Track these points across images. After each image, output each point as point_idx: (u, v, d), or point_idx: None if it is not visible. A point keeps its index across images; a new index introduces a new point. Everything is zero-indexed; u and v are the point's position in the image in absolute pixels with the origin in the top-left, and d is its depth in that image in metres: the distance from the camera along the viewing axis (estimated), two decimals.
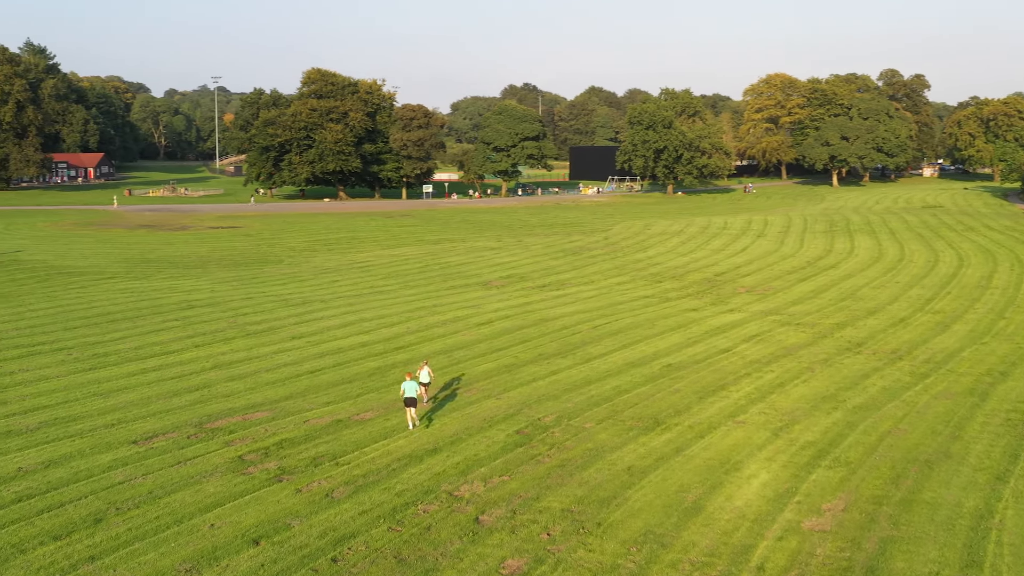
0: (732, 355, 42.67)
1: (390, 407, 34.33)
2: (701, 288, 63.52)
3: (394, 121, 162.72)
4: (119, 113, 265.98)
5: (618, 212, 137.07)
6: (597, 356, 42.50)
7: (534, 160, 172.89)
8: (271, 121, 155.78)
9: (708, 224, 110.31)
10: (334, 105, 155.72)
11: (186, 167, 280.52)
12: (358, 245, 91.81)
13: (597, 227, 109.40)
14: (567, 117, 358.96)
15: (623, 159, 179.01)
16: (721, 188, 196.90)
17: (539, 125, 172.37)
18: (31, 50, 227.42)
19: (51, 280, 66.02)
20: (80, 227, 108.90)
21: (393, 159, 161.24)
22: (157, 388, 37.02)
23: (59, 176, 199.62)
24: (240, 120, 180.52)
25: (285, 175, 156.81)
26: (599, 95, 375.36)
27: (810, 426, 31.89)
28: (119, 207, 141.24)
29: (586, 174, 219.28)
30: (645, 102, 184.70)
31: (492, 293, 61.11)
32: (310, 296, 59.27)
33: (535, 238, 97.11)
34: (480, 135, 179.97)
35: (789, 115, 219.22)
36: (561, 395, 35.90)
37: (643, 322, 50.64)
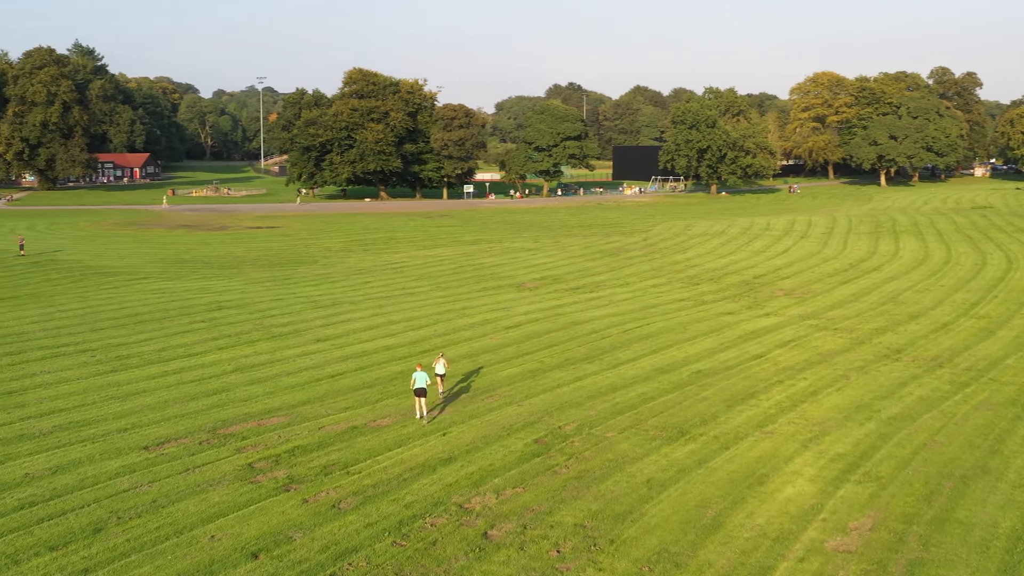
0: (765, 361, 41.37)
1: (408, 413, 33.53)
2: (738, 291, 62.11)
3: (435, 121, 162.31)
4: (166, 113, 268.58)
5: (659, 212, 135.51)
6: (625, 361, 41.40)
7: (576, 160, 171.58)
8: (312, 121, 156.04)
9: (750, 225, 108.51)
10: (375, 105, 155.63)
11: (231, 167, 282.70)
12: (394, 246, 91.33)
13: (637, 228, 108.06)
14: (611, 116, 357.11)
15: (666, 159, 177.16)
16: (766, 188, 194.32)
17: (581, 124, 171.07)
18: (79, 52, 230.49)
19: (85, 280, 66.14)
20: (121, 227, 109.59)
21: (434, 159, 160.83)
22: (176, 391, 36.55)
23: (105, 176, 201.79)
24: (282, 120, 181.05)
25: (326, 175, 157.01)
26: (644, 94, 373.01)
27: (841, 437, 30.59)
28: (168, 206, 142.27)
29: (629, 174, 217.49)
30: (689, 101, 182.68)
31: (524, 295, 60.18)
32: (340, 298, 58.73)
33: (573, 239, 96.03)
34: (521, 135, 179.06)
35: (836, 114, 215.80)
36: (584, 402, 34.89)
37: (675, 326, 49.44)
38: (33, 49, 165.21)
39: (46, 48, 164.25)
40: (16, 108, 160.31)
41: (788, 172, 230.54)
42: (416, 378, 32.62)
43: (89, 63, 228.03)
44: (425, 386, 32.65)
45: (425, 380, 32.63)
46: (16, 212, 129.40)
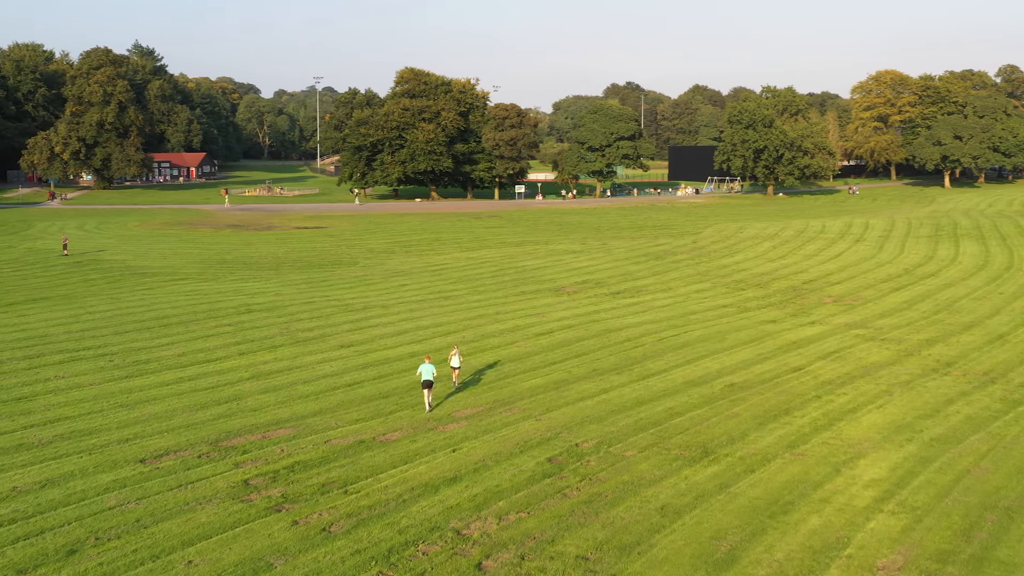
0: (804, 374, 39.17)
1: (420, 427, 32.03)
2: (785, 297, 59.73)
3: (487, 120, 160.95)
4: (223, 113, 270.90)
5: (713, 214, 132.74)
6: (656, 373, 39.48)
7: (629, 160, 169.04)
8: (364, 121, 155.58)
9: (805, 227, 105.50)
10: (426, 104, 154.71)
11: (288, 166, 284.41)
12: (438, 247, 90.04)
13: (687, 230, 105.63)
14: (670, 116, 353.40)
15: (721, 159, 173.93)
16: (825, 189, 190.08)
17: (635, 124, 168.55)
18: (139, 52, 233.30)
19: (122, 281, 65.74)
20: (169, 227, 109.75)
21: (485, 159, 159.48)
22: (186, 399, 35.45)
23: (162, 175, 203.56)
24: (334, 120, 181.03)
25: (377, 175, 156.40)
26: (703, 94, 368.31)
27: (878, 461, 28.44)
28: (230, 205, 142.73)
29: (685, 174, 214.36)
30: (746, 100, 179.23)
31: (561, 300, 58.43)
32: (373, 301, 57.49)
33: (620, 241, 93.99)
34: (574, 134, 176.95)
35: (899, 113, 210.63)
36: (607, 417, 33.08)
37: (714, 335, 47.35)
38: (90, 50, 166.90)
39: (103, 48, 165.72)
40: (73, 108, 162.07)
41: (849, 173, 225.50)
42: (423, 370, 33.95)
43: (148, 63, 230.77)
44: (432, 378, 33.81)
45: (432, 372, 33.92)
46: (69, 211, 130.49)
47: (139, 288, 62.60)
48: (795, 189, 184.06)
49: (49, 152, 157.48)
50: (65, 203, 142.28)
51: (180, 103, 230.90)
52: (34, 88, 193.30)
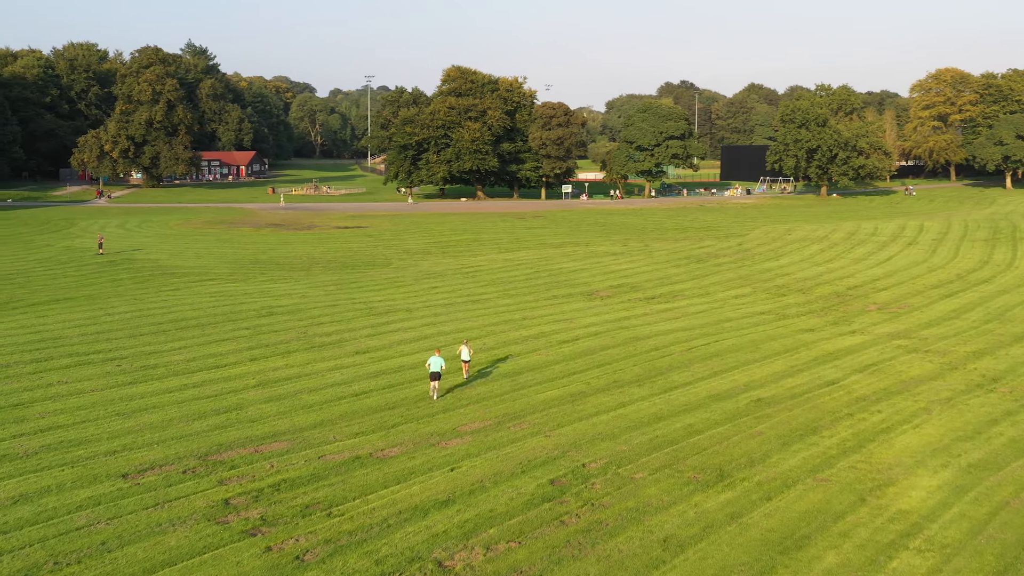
0: (837, 389, 36.81)
1: (421, 442, 30.32)
2: (827, 304, 57.15)
3: (534, 119, 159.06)
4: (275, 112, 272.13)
5: (762, 215, 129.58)
6: (679, 385, 37.38)
7: (679, 160, 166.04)
8: (409, 120, 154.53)
9: (856, 230, 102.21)
10: (472, 103, 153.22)
11: (339, 165, 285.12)
12: (476, 248, 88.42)
13: (734, 231, 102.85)
14: (724, 115, 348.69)
15: (773, 159, 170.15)
16: (880, 190, 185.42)
17: (685, 124, 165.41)
18: (192, 51, 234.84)
19: (149, 281, 64.96)
20: (209, 225, 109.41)
21: (532, 158, 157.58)
22: (186, 408, 34.11)
23: (211, 174, 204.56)
24: (381, 118, 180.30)
25: (423, 174, 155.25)
26: (758, 92, 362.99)
27: (908, 489, 26.15)
28: (284, 204, 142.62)
29: (738, 174, 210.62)
30: (799, 99, 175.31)
31: (593, 305, 56.44)
32: (399, 304, 55.97)
33: (663, 243, 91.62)
34: (624, 134, 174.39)
35: (960, 112, 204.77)
36: (620, 434, 31.10)
37: (746, 344, 45.06)
38: (141, 48, 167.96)
39: (153, 47, 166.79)
40: (123, 107, 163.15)
41: (907, 173, 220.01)
42: (431, 362, 35.10)
43: (201, 63, 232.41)
44: (440, 370, 34.99)
45: (440, 364, 35.03)
46: (114, 209, 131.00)
47: (165, 289, 61.72)
48: (850, 190, 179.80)
49: (99, 150, 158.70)
50: (112, 201, 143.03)
51: (231, 102, 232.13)
52: (87, 87, 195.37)
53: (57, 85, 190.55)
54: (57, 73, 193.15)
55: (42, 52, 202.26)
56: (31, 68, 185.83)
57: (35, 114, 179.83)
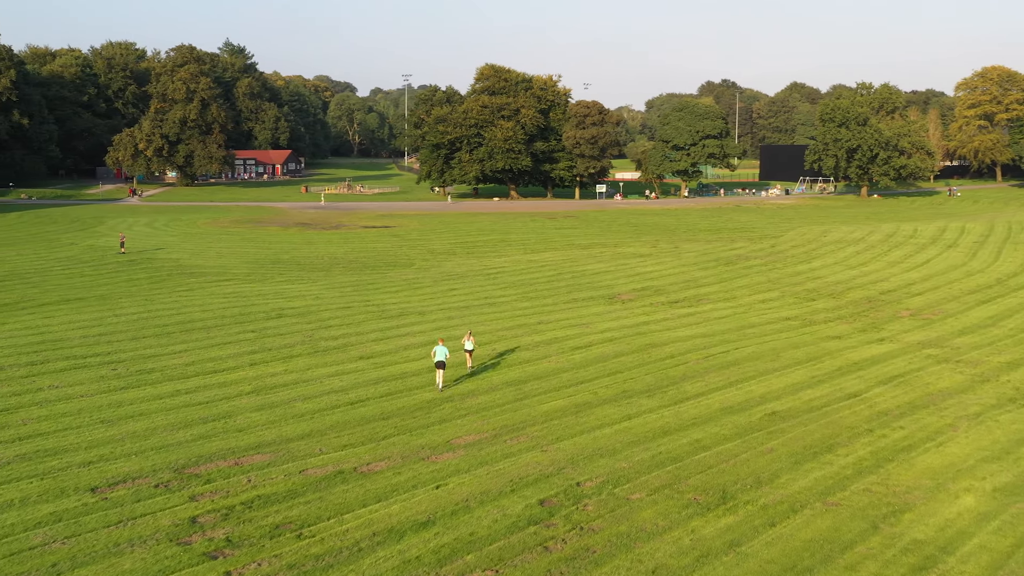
0: (858, 403, 34.74)
1: (410, 456, 28.76)
2: (857, 309, 54.89)
3: (568, 118, 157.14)
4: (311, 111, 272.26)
5: (799, 216, 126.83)
6: (691, 396, 35.50)
7: (715, 159, 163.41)
8: (442, 118, 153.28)
9: (894, 231, 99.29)
10: (506, 102, 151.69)
11: (376, 164, 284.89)
12: (502, 249, 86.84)
13: (768, 233, 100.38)
14: (765, 115, 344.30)
15: (813, 159, 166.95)
16: (923, 191, 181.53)
17: (722, 123, 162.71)
18: (230, 50, 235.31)
19: (165, 281, 64.05)
20: (237, 224, 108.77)
21: (566, 157, 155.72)
22: (173, 416, 32.80)
23: (247, 172, 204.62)
24: (414, 117, 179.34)
25: (455, 173, 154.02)
26: (800, 91, 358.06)
27: (925, 516, 24.15)
28: (325, 203, 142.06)
29: (777, 174, 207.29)
30: (839, 97, 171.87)
31: (613, 309, 54.62)
32: (413, 307, 54.51)
33: (694, 244, 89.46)
34: (659, 133, 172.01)
35: (1007, 111, 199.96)
36: (622, 450, 29.31)
37: (767, 352, 43.03)
38: (175, 47, 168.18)
39: (187, 46, 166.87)
40: (158, 105, 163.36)
41: (951, 174, 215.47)
42: (436, 352, 36.03)
43: (238, 61, 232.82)
44: (444, 359, 35.88)
45: (445, 354, 35.93)
46: (145, 208, 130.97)
47: (179, 289, 60.74)
48: (891, 190, 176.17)
49: (133, 149, 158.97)
50: (143, 200, 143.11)
51: (268, 101, 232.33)
52: (124, 86, 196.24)
53: (95, 84, 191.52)
54: (95, 72, 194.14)
55: (81, 51, 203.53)
56: (69, 67, 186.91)
57: (72, 113, 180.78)
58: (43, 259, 75.92)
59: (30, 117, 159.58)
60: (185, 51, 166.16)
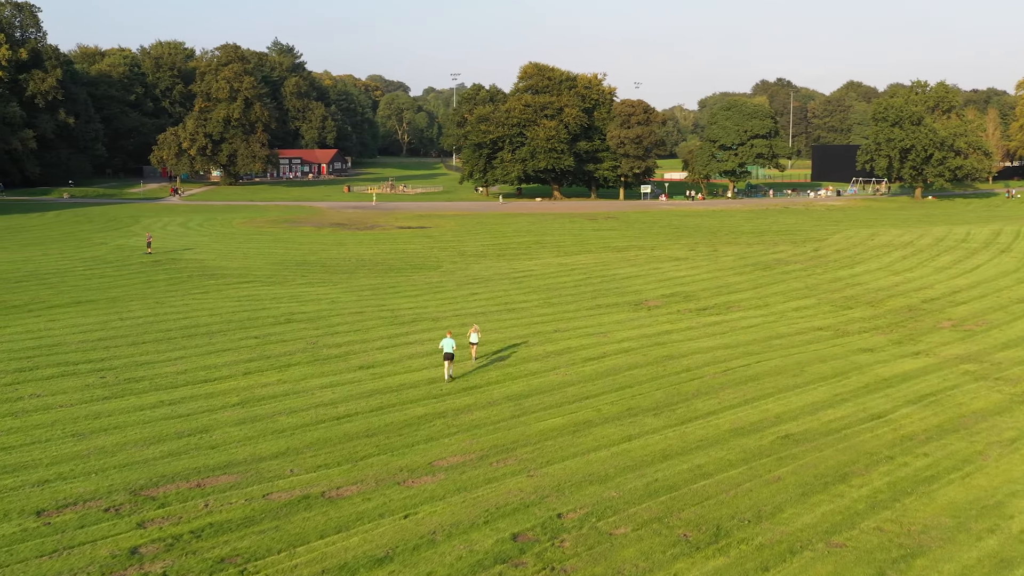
0: (882, 424, 32.02)
1: (386, 479, 26.72)
2: (895, 319, 51.89)
3: (612, 117, 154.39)
4: (359, 110, 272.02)
5: (848, 218, 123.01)
6: (701, 415, 33.04)
7: (764, 159, 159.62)
8: (484, 117, 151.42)
9: (945, 235, 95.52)
10: (549, 101, 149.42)
11: (425, 163, 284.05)
12: (534, 251, 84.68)
13: (813, 236, 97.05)
14: (820, 114, 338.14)
15: (865, 159, 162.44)
16: (981, 192, 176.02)
17: (771, 122, 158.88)
18: (278, 50, 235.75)
19: (183, 283, 62.83)
20: (271, 224, 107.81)
21: (610, 157, 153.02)
22: (149, 430, 31.10)
23: (292, 171, 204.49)
24: (457, 116, 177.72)
25: (498, 173, 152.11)
26: (857, 90, 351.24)
27: (939, 561, 21.56)
28: (376, 203, 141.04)
29: (830, 174, 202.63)
30: (893, 96, 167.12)
31: (636, 317, 52.20)
32: (428, 312, 52.57)
33: (734, 247, 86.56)
34: (706, 132, 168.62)
35: None
36: (615, 476, 27.00)
37: (791, 366, 40.36)
38: (219, 46, 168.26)
39: (232, 45, 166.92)
40: (202, 104, 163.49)
41: (1011, 175, 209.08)
42: (444, 344, 37.10)
43: (286, 61, 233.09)
44: (452, 351, 36.83)
45: (452, 346, 36.86)
46: (183, 207, 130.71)
47: (195, 291, 59.43)
48: (947, 192, 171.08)
49: (177, 148, 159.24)
50: (184, 199, 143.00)
51: (316, 100, 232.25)
52: (171, 85, 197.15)
53: (142, 83, 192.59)
54: (143, 71, 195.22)
55: (131, 51, 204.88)
56: (117, 66, 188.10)
57: (119, 112, 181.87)
58: (68, 259, 75.24)
59: (76, 116, 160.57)
60: (229, 50, 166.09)
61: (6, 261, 73.08)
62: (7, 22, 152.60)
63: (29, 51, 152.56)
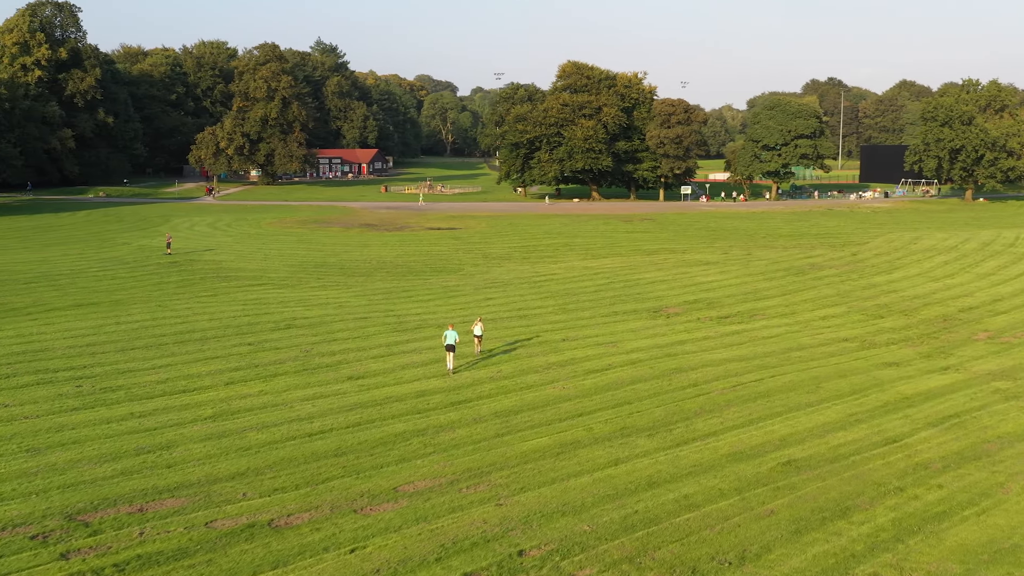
0: (897, 450, 29.34)
1: (342, 506, 24.67)
2: (928, 329, 48.90)
3: (652, 117, 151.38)
4: (402, 110, 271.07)
5: (893, 220, 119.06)
6: (699, 437, 30.57)
7: (808, 160, 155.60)
8: (521, 117, 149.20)
9: (993, 239, 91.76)
10: (587, 100, 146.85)
11: (468, 163, 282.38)
12: (562, 254, 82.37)
13: (853, 239, 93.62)
14: (872, 114, 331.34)
15: (913, 159, 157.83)
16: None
17: (816, 122, 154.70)
18: (321, 49, 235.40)
19: (194, 286, 61.48)
20: (300, 224, 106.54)
21: (650, 158, 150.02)
22: (108, 445, 29.35)
23: (332, 171, 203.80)
24: (495, 116, 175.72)
25: (535, 173, 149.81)
26: (910, 89, 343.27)
27: None
28: (424, 204, 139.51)
29: (879, 175, 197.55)
30: (943, 95, 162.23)
31: (652, 325, 49.74)
32: (435, 319, 50.53)
33: (769, 251, 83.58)
34: (749, 132, 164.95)
35: None
36: (592, 506, 24.69)
37: (806, 382, 37.70)
38: (258, 45, 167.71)
39: (270, 44, 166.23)
40: (239, 103, 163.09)
41: None
42: (447, 335, 38.18)
43: (329, 60, 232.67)
44: (455, 343, 37.91)
45: (455, 338, 38.02)
46: (216, 207, 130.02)
47: (202, 295, 57.99)
48: (1000, 194, 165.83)
49: (214, 147, 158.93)
50: (219, 199, 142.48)
51: (357, 99, 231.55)
52: (213, 84, 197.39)
53: (184, 83, 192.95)
54: (184, 71, 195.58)
55: (173, 50, 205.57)
56: (159, 66, 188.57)
57: (160, 111, 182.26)
58: (86, 259, 74.33)
59: (115, 115, 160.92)
60: (267, 49, 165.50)
61: (23, 261, 72.32)
62: (47, 22, 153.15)
63: (69, 51, 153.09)
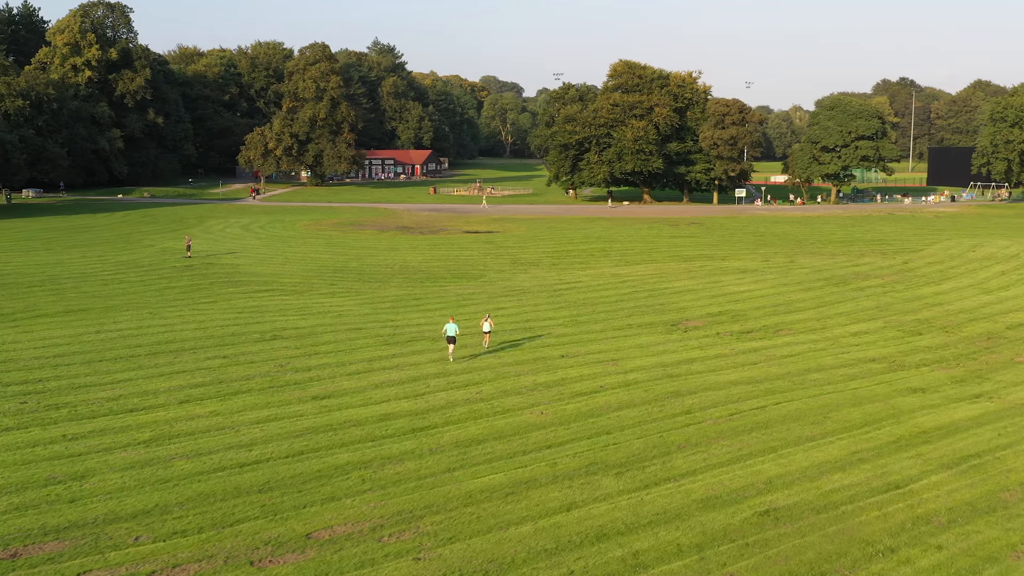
0: (899, 498, 25.40)
1: (239, 556, 21.66)
2: (968, 349, 44.50)
3: (706, 118, 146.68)
4: (459, 111, 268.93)
5: (954, 226, 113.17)
6: (673, 476, 26.96)
7: (868, 162, 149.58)
8: (571, 117, 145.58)
9: None
10: (638, 100, 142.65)
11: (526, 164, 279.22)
12: (595, 260, 78.83)
13: (907, 246, 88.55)
14: (945, 115, 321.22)
15: (981, 162, 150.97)
16: None
17: (878, 122, 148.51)
18: (378, 50, 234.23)
19: (197, 292, 59.34)
20: (335, 227, 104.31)
21: (703, 159, 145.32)
22: (20, 474, 26.83)
23: (385, 172, 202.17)
24: (545, 116, 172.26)
25: (584, 175, 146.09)
26: (985, 89, 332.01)
27: None
28: (487, 206, 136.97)
29: (947, 178, 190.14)
30: (1013, 94, 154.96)
31: (665, 340, 46.09)
32: (433, 331, 47.37)
33: (814, 258, 79.08)
34: (807, 133, 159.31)
35: None
36: (527, 562, 21.33)
37: (813, 410, 33.79)
38: (308, 45, 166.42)
39: (320, 44, 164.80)
40: (289, 104, 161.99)
41: None
42: (447, 328, 39.81)
43: (385, 61, 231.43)
44: (455, 335, 39.54)
45: (455, 330, 39.57)
46: (256, 208, 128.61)
47: (202, 301, 55.75)
48: None
49: (263, 148, 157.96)
50: (263, 200, 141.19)
51: (413, 100, 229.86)
52: (266, 85, 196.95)
53: (237, 83, 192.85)
54: (238, 72, 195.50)
55: (229, 51, 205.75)
56: (213, 67, 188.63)
57: (213, 111, 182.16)
58: (102, 262, 72.74)
59: (166, 116, 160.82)
60: (317, 49, 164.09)
61: (35, 263, 70.93)
62: (99, 23, 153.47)
63: (119, 51, 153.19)
